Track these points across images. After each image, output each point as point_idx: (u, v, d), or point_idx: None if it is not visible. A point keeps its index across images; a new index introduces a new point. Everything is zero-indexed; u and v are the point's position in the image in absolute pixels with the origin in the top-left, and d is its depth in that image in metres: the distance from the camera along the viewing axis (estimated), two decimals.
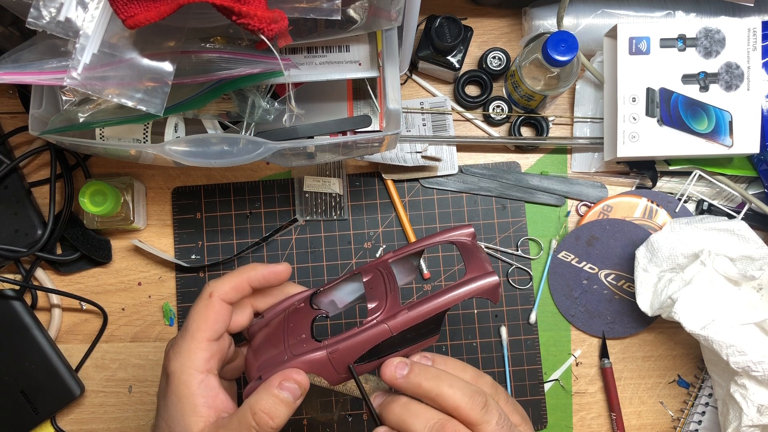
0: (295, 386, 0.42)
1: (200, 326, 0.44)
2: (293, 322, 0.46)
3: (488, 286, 0.43)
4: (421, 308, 0.43)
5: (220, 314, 0.45)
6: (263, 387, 0.42)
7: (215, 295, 0.45)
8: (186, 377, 0.43)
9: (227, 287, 0.45)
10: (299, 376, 0.43)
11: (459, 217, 0.71)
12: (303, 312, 0.47)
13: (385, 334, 0.43)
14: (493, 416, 0.41)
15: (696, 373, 0.70)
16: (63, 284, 0.72)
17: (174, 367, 0.43)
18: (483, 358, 0.70)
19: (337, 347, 0.43)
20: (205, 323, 0.44)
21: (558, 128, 0.73)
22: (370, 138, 0.57)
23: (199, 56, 0.51)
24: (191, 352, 0.43)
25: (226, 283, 0.46)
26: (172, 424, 0.43)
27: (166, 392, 0.44)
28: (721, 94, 0.64)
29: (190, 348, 0.43)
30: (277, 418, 0.41)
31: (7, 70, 0.49)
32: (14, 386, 0.68)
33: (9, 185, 0.70)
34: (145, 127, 0.59)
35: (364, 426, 0.70)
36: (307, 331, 0.45)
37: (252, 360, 0.46)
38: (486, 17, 0.73)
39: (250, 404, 0.42)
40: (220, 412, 0.43)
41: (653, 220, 0.69)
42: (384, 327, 0.43)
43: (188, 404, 0.42)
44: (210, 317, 0.44)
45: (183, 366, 0.43)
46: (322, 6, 0.47)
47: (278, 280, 0.48)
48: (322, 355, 0.43)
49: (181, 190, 0.72)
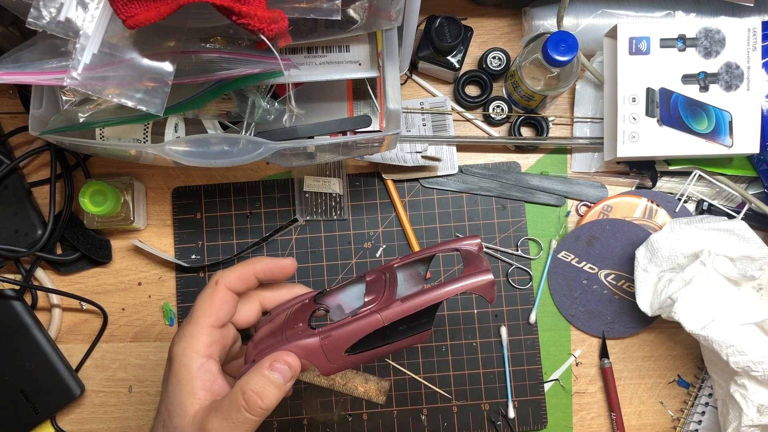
0: (285, 368, 0.43)
1: (204, 312, 0.45)
2: (294, 315, 0.48)
3: (482, 283, 0.43)
4: (413, 301, 0.43)
5: (224, 302, 0.46)
6: (254, 368, 0.43)
7: (221, 283, 0.46)
8: (187, 360, 0.44)
9: (233, 276, 0.47)
10: (290, 358, 0.43)
11: (459, 217, 0.71)
12: (305, 307, 0.48)
13: (377, 324, 0.43)
14: None
15: (696, 373, 0.70)
16: (63, 284, 0.72)
17: (176, 351, 0.44)
18: (483, 358, 0.70)
19: (329, 334, 0.44)
20: (209, 309, 0.45)
21: (558, 128, 0.73)
22: (370, 138, 0.57)
23: (199, 56, 0.51)
24: (194, 337, 0.44)
25: (232, 273, 0.47)
26: (170, 406, 0.43)
27: (167, 376, 0.45)
28: (721, 94, 0.64)
29: (193, 332, 0.45)
30: (266, 399, 0.42)
31: (7, 70, 0.49)
32: (14, 386, 0.68)
33: (9, 185, 0.70)
34: (145, 127, 0.59)
35: (365, 426, 0.70)
36: (305, 321, 0.46)
37: (251, 349, 0.48)
38: (486, 17, 0.73)
39: (240, 384, 0.42)
40: (217, 395, 0.44)
41: (653, 220, 0.69)
42: (377, 317, 0.43)
43: (186, 386, 0.43)
44: (214, 304, 0.46)
45: (185, 350, 0.44)
46: (322, 6, 0.47)
47: (284, 273, 0.49)
48: (315, 342, 0.44)
49: (181, 190, 0.72)
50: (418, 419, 0.70)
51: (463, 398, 0.70)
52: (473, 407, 0.70)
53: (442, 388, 0.70)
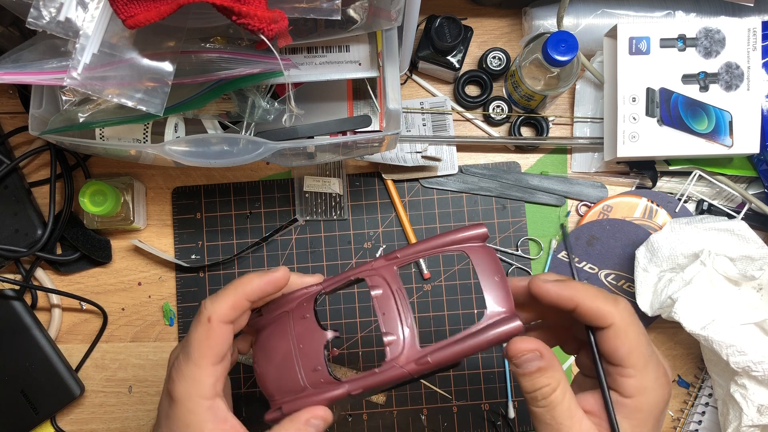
0: (320, 423, 0.43)
1: (203, 353, 0.42)
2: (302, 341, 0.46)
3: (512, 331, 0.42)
4: (440, 355, 0.42)
5: (221, 338, 0.43)
6: (289, 421, 0.43)
7: (214, 318, 0.43)
8: (193, 405, 0.42)
9: (225, 308, 0.43)
10: (323, 412, 0.43)
11: (459, 217, 0.71)
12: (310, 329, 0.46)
13: (405, 376, 0.43)
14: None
15: (696, 373, 0.70)
16: (63, 284, 0.72)
17: (179, 393, 0.42)
18: (483, 357, 0.70)
19: (357, 388, 0.43)
20: (208, 350, 0.42)
21: (558, 128, 0.73)
22: (370, 138, 0.57)
23: (199, 56, 0.51)
24: (196, 380, 0.42)
25: (222, 304, 0.43)
26: None
27: (169, 415, 0.43)
28: (721, 94, 0.64)
29: (194, 376, 0.42)
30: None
31: (7, 70, 0.49)
32: (14, 386, 0.68)
33: (9, 185, 0.70)
34: (145, 127, 0.59)
35: (364, 426, 0.70)
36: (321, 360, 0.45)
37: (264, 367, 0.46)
38: (486, 17, 0.73)
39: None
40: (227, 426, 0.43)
41: (653, 220, 0.69)
42: (404, 371, 0.43)
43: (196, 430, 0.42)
44: (211, 343, 0.43)
45: (189, 393, 0.42)
46: (322, 6, 0.47)
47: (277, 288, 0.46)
48: (343, 392, 0.44)
49: (181, 190, 0.72)
50: (418, 419, 0.70)
51: (463, 398, 0.70)
52: (473, 407, 0.70)
53: (442, 388, 0.70)
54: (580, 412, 0.41)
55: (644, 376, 0.40)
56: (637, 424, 0.40)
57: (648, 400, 0.40)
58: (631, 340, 0.40)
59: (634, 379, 0.40)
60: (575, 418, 0.40)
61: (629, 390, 0.40)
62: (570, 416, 0.40)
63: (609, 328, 0.40)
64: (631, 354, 0.40)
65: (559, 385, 0.41)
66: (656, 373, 0.40)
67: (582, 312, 0.41)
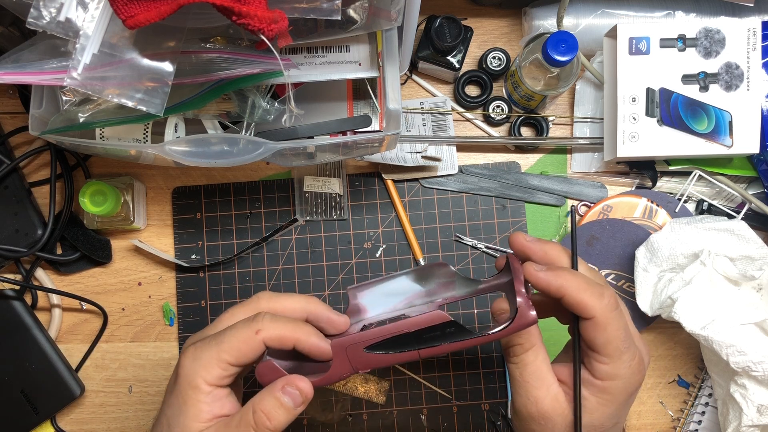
0: (296, 393, 0.43)
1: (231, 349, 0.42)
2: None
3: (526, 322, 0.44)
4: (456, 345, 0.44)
5: (255, 352, 0.43)
6: (267, 388, 0.43)
7: (261, 335, 0.43)
8: (197, 382, 0.42)
9: (276, 334, 0.43)
10: (303, 383, 0.43)
11: (459, 217, 0.71)
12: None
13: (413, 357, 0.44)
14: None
15: (696, 373, 0.70)
16: (63, 284, 0.72)
17: (187, 370, 0.43)
18: (483, 357, 0.70)
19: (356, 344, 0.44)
20: (237, 351, 0.42)
21: (558, 128, 0.73)
22: (370, 138, 0.57)
23: (199, 56, 0.51)
24: (209, 366, 0.42)
25: (278, 329, 0.43)
26: (172, 422, 0.43)
27: (173, 389, 0.44)
28: (721, 94, 0.64)
29: (210, 360, 0.42)
30: (274, 420, 0.42)
31: (7, 70, 0.49)
32: (14, 386, 0.68)
33: (9, 185, 0.70)
34: (145, 127, 0.59)
35: (364, 426, 0.70)
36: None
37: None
38: (486, 17, 0.73)
39: (252, 403, 0.42)
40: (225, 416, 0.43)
41: (653, 220, 0.69)
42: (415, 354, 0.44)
43: (192, 408, 0.42)
44: (243, 351, 0.43)
45: (197, 372, 0.42)
46: (322, 6, 0.47)
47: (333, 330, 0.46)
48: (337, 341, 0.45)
49: (181, 190, 0.72)
50: (418, 419, 0.70)
51: (463, 398, 0.70)
52: (473, 407, 0.70)
53: (442, 388, 0.70)
54: (552, 377, 0.46)
55: (617, 365, 0.44)
56: (603, 402, 0.44)
57: (617, 384, 0.44)
58: (609, 333, 0.43)
59: (608, 366, 0.44)
60: (544, 381, 0.45)
61: (601, 374, 0.44)
62: (539, 377, 0.45)
63: (591, 320, 0.44)
64: (607, 345, 0.43)
65: (531, 348, 0.46)
66: (630, 362, 0.44)
67: (568, 302, 0.44)
